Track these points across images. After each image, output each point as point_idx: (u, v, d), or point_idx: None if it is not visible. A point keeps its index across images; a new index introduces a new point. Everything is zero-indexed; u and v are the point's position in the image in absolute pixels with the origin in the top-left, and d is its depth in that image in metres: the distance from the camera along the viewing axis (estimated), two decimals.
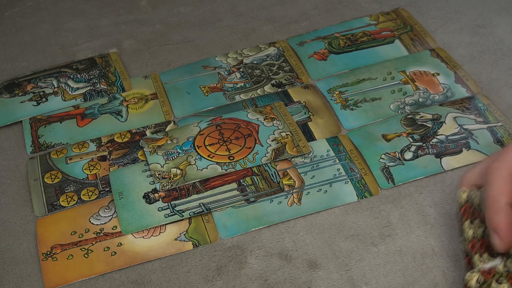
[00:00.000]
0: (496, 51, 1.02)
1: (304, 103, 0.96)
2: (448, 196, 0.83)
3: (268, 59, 1.04)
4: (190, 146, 0.90)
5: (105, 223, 0.82)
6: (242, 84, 0.99)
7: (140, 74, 1.03)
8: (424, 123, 0.91)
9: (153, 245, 0.80)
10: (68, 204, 0.85)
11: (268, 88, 0.99)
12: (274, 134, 0.91)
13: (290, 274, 0.76)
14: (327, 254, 0.78)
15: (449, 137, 0.89)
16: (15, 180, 0.89)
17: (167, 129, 0.93)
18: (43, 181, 0.87)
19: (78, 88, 1.00)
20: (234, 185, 0.85)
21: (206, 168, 0.86)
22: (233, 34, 1.10)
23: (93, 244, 0.80)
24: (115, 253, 0.79)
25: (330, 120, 0.93)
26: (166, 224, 0.82)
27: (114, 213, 0.83)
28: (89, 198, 0.85)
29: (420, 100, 0.95)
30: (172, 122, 0.95)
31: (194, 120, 0.94)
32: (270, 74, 1.01)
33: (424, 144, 0.88)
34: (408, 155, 0.87)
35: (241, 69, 1.02)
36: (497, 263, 0.64)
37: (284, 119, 0.93)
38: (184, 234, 0.81)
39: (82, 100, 0.98)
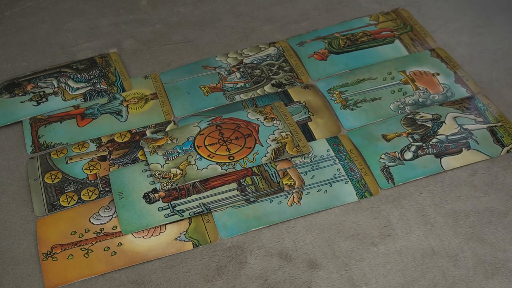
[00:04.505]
0: (496, 51, 1.02)
1: (304, 103, 0.96)
2: (448, 196, 0.83)
3: (268, 59, 1.04)
4: (190, 146, 0.90)
5: (105, 223, 0.82)
6: (242, 84, 0.99)
7: (140, 74, 1.03)
8: (424, 123, 0.91)
9: (153, 245, 0.80)
10: (68, 204, 0.85)
11: (268, 88, 0.99)
12: (274, 134, 0.91)
13: (290, 274, 0.76)
14: (327, 254, 0.78)
15: (449, 137, 0.89)
16: (15, 180, 0.89)
17: (167, 129, 0.93)
18: (43, 181, 0.87)
19: (78, 88, 1.00)
20: (234, 185, 0.85)
21: (206, 168, 0.87)
22: (233, 34, 1.10)
23: (93, 244, 0.80)
24: (115, 253, 0.79)
25: (330, 120, 0.93)
26: (166, 224, 0.82)
27: (114, 213, 0.83)
28: (89, 198, 0.85)
29: (420, 100, 0.95)
30: (172, 122, 0.95)
31: (194, 120, 0.94)
32: (270, 74, 1.01)
33: (424, 144, 0.88)
34: (408, 155, 0.87)
35: (241, 69, 1.02)
36: None
37: (284, 119, 0.93)
38: (184, 234, 0.81)
39: (82, 100, 0.98)
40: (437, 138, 0.89)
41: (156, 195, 0.84)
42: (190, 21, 1.13)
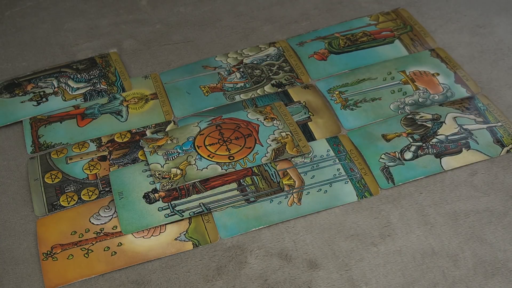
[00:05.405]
0: (496, 51, 1.02)
1: (304, 103, 0.96)
2: (448, 196, 0.83)
3: (268, 59, 1.04)
4: (190, 146, 0.90)
5: (105, 223, 0.82)
6: (242, 84, 0.99)
7: (140, 74, 1.03)
8: (424, 123, 0.91)
9: (153, 245, 0.80)
10: (68, 204, 0.85)
11: (268, 88, 0.99)
12: (274, 134, 0.91)
13: (290, 274, 0.76)
14: (327, 254, 0.78)
15: (449, 137, 0.89)
16: (15, 180, 0.89)
17: (167, 129, 0.93)
18: (43, 181, 0.87)
19: (78, 88, 1.00)
20: (234, 185, 0.85)
21: (206, 168, 0.87)
22: (233, 34, 1.10)
23: (93, 244, 0.80)
24: (115, 253, 0.79)
25: (330, 120, 0.93)
26: (166, 224, 0.82)
27: (114, 213, 0.83)
28: (89, 198, 0.85)
29: (420, 100, 0.95)
30: (172, 122, 0.95)
31: (194, 120, 0.94)
32: (270, 74, 1.01)
33: (424, 144, 0.88)
34: (408, 155, 0.87)
35: (241, 69, 1.02)
36: None
37: (284, 119, 0.93)
38: (184, 234, 0.81)
39: (82, 100, 0.98)
40: (437, 138, 0.89)
41: (156, 195, 0.84)
42: (190, 21, 1.13)
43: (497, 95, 0.95)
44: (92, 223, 0.82)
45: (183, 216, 0.82)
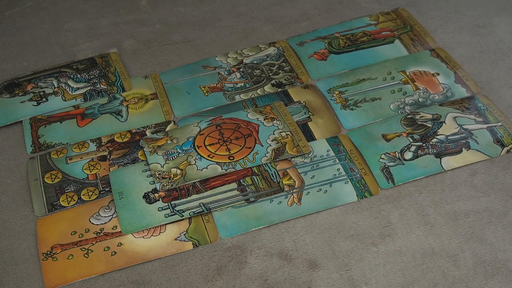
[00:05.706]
0: (496, 51, 1.02)
1: (304, 103, 0.96)
2: (448, 196, 0.83)
3: (268, 59, 1.04)
4: (190, 146, 0.90)
5: (105, 223, 0.82)
6: (242, 84, 0.99)
7: (140, 74, 1.03)
8: (424, 123, 0.91)
9: (153, 245, 0.80)
10: (68, 204, 0.85)
11: (268, 88, 0.99)
12: (274, 134, 0.91)
13: (290, 274, 0.76)
14: (327, 254, 0.78)
15: (449, 137, 0.89)
16: (15, 180, 0.89)
17: (167, 129, 0.93)
18: (43, 181, 0.87)
19: (78, 88, 1.00)
20: (234, 185, 0.85)
21: (206, 168, 0.87)
22: (233, 34, 1.10)
23: (93, 244, 0.80)
24: (115, 253, 0.79)
25: (330, 120, 0.93)
26: (166, 224, 0.82)
27: (114, 213, 0.83)
28: (89, 198, 0.85)
29: (420, 100, 0.95)
30: (172, 122, 0.95)
31: (194, 120, 0.94)
32: (270, 74, 1.01)
33: (424, 144, 0.88)
34: (408, 155, 0.87)
35: (241, 69, 1.02)
36: None
37: (284, 119, 0.93)
38: (184, 234, 0.81)
39: (82, 100, 0.98)
40: (437, 138, 0.89)
41: (156, 195, 0.84)
42: (190, 21, 1.13)
43: (497, 95, 0.95)
44: (92, 223, 0.82)
45: (183, 216, 0.82)
